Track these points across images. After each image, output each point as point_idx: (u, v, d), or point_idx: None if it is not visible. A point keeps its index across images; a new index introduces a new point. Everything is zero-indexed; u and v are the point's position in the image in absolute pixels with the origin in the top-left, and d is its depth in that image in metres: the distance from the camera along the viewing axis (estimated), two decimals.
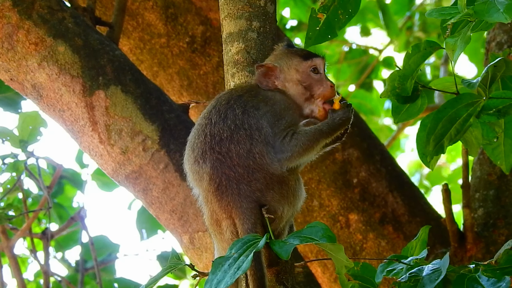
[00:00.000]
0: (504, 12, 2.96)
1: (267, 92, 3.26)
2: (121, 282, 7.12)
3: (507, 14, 2.95)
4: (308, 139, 3.17)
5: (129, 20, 5.52)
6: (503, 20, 2.95)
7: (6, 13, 4.64)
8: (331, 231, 3.01)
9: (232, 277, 2.84)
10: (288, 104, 3.25)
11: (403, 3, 9.47)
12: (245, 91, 3.24)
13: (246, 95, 3.22)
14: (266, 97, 3.23)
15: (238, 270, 2.86)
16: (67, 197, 7.59)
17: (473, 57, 8.98)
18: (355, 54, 9.77)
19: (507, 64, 3.21)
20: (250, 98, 3.21)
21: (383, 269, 3.20)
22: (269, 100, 3.23)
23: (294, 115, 3.24)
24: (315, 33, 3.57)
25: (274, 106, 3.22)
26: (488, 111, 3.14)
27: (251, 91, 3.24)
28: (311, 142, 3.17)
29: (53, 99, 4.65)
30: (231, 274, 2.85)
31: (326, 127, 3.19)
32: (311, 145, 3.17)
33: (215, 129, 3.15)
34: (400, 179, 5.54)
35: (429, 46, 3.31)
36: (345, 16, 3.55)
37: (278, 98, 3.25)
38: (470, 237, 5.11)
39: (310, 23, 3.56)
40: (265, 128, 3.15)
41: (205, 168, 3.14)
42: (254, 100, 3.21)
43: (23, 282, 6.19)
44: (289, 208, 3.16)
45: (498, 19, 2.97)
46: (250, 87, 3.28)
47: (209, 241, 4.56)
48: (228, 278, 2.85)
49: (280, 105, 3.23)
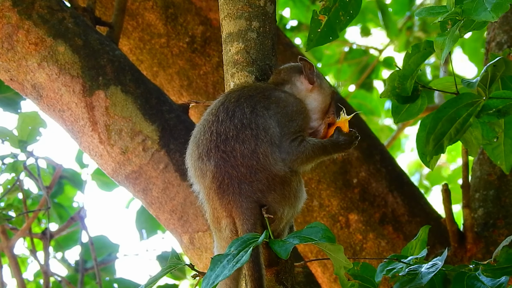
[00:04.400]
0: (491, 11, 2.97)
1: (280, 93, 3.26)
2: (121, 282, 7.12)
3: (494, 13, 2.96)
4: (313, 151, 3.19)
5: (129, 20, 5.52)
6: (490, 19, 2.95)
7: (6, 13, 4.64)
8: (330, 231, 3.01)
9: (230, 270, 2.85)
10: (301, 108, 3.26)
11: (403, 3, 9.47)
12: (258, 92, 3.23)
13: (259, 96, 3.21)
14: (279, 99, 3.23)
15: (236, 264, 2.86)
16: (67, 197, 7.59)
17: (473, 57, 8.97)
18: (355, 54, 9.77)
19: (506, 64, 3.21)
20: (262, 99, 3.20)
21: (383, 269, 3.21)
22: (281, 102, 3.23)
23: (305, 120, 3.25)
24: (316, 35, 3.58)
25: (287, 108, 3.22)
26: (488, 111, 3.14)
27: (264, 92, 3.24)
28: (314, 154, 3.20)
29: (53, 99, 4.65)
30: (230, 268, 2.86)
31: (330, 146, 3.23)
32: (313, 157, 3.21)
33: (222, 127, 3.15)
34: (400, 179, 5.54)
35: (429, 46, 3.31)
36: (346, 17, 3.56)
37: (291, 101, 3.26)
38: (470, 237, 5.11)
39: (311, 25, 3.57)
40: (272, 129, 3.15)
41: (208, 166, 3.14)
42: (266, 101, 3.21)
43: (23, 282, 6.19)
44: (290, 209, 3.17)
45: (486, 17, 2.97)
46: (263, 88, 3.27)
47: (209, 241, 4.56)
48: (227, 271, 2.85)
49: (292, 107, 3.23)
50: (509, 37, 5.55)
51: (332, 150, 3.24)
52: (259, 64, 3.45)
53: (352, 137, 3.26)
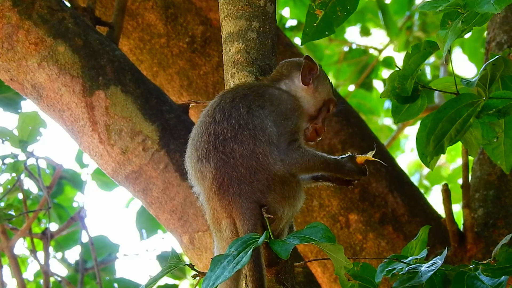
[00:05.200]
0: (494, 3, 2.95)
1: (274, 91, 3.26)
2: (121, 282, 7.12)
3: (498, 5, 2.94)
4: (314, 161, 3.18)
5: (129, 20, 5.52)
6: (493, 10, 2.94)
7: (6, 13, 4.64)
8: (330, 231, 3.01)
9: (231, 271, 2.84)
10: (296, 106, 3.26)
11: (403, 3, 9.47)
12: (252, 90, 3.23)
13: (253, 94, 3.21)
14: (272, 96, 3.23)
15: (236, 265, 2.86)
16: (67, 197, 7.59)
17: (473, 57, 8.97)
18: (355, 54, 9.77)
19: (506, 63, 3.21)
20: (256, 97, 3.20)
21: (383, 269, 3.21)
22: (275, 100, 3.23)
23: (300, 118, 3.25)
24: (312, 29, 3.56)
25: (280, 106, 3.22)
26: (488, 111, 3.14)
27: (257, 90, 3.24)
28: (314, 165, 3.19)
29: (53, 99, 4.65)
30: (230, 269, 2.85)
31: (334, 165, 3.22)
32: (312, 168, 3.20)
33: (219, 128, 3.15)
34: (400, 179, 5.54)
35: (429, 46, 3.31)
36: (343, 13, 3.55)
37: (284, 98, 3.25)
38: (470, 237, 5.11)
39: (307, 19, 3.55)
40: (270, 128, 3.15)
41: (208, 168, 3.14)
42: (260, 100, 3.20)
43: (23, 282, 6.19)
44: (289, 209, 3.17)
45: (489, 9, 2.96)
46: (257, 86, 3.28)
47: (209, 241, 4.56)
48: (227, 272, 2.85)
49: (286, 105, 3.23)
50: (509, 37, 5.55)
51: (334, 169, 3.23)
52: (259, 64, 3.45)
53: (360, 170, 3.25)
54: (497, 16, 5.65)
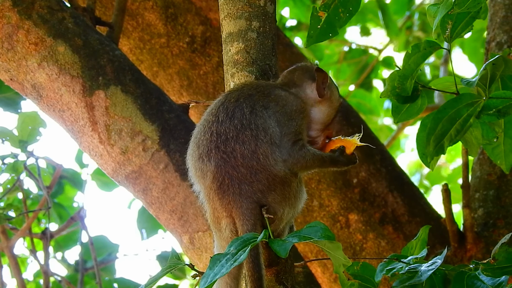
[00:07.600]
0: None
1: (281, 92, 3.27)
2: (121, 282, 7.12)
3: None
4: (313, 160, 3.20)
5: (129, 20, 5.52)
6: None
7: (6, 13, 4.64)
8: (330, 231, 3.02)
9: (228, 269, 2.85)
10: (301, 108, 3.26)
11: (403, 3, 9.47)
12: (258, 90, 3.23)
13: (258, 94, 3.21)
14: (278, 97, 3.23)
15: (234, 262, 2.87)
16: (67, 197, 7.59)
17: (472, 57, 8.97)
18: (355, 53, 9.78)
19: (506, 63, 3.21)
20: (261, 97, 3.21)
21: (382, 269, 3.21)
22: (281, 100, 3.23)
23: (304, 120, 3.26)
24: (316, 31, 3.56)
25: (286, 106, 3.22)
26: (488, 111, 3.14)
27: (263, 90, 3.24)
28: (314, 163, 3.22)
29: (53, 99, 4.65)
30: (227, 266, 2.86)
31: (329, 161, 3.26)
32: (311, 166, 3.22)
33: (222, 128, 3.15)
34: (400, 179, 5.54)
35: (429, 46, 3.31)
36: (346, 14, 3.55)
37: (291, 99, 3.26)
38: (470, 237, 5.11)
39: (311, 21, 3.56)
40: (272, 128, 3.16)
41: (209, 166, 3.14)
42: (265, 100, 3.21)
43: (23, 282, 6.19)
44: (290, 209, 3.17)
45: None
46: (263, 86, 3.27)
47: (209, 241, 4.56)
48: (224, 269, 2.86)
49: (291, 106, 3.24)
50: (509, 37, 5.55)
51: (329, 165, 3.28)
52: (259, 64, 3.45)
53: (351, 161, 3.29)
54: (497, 16, 5.65)
